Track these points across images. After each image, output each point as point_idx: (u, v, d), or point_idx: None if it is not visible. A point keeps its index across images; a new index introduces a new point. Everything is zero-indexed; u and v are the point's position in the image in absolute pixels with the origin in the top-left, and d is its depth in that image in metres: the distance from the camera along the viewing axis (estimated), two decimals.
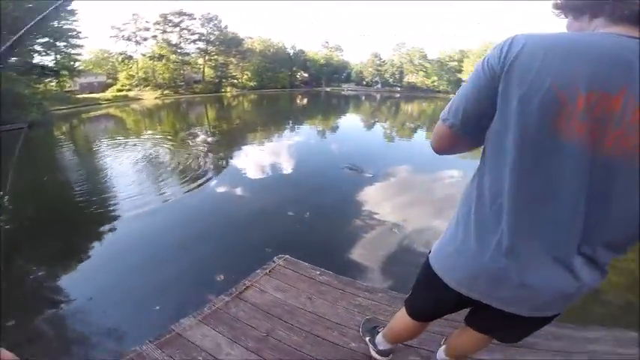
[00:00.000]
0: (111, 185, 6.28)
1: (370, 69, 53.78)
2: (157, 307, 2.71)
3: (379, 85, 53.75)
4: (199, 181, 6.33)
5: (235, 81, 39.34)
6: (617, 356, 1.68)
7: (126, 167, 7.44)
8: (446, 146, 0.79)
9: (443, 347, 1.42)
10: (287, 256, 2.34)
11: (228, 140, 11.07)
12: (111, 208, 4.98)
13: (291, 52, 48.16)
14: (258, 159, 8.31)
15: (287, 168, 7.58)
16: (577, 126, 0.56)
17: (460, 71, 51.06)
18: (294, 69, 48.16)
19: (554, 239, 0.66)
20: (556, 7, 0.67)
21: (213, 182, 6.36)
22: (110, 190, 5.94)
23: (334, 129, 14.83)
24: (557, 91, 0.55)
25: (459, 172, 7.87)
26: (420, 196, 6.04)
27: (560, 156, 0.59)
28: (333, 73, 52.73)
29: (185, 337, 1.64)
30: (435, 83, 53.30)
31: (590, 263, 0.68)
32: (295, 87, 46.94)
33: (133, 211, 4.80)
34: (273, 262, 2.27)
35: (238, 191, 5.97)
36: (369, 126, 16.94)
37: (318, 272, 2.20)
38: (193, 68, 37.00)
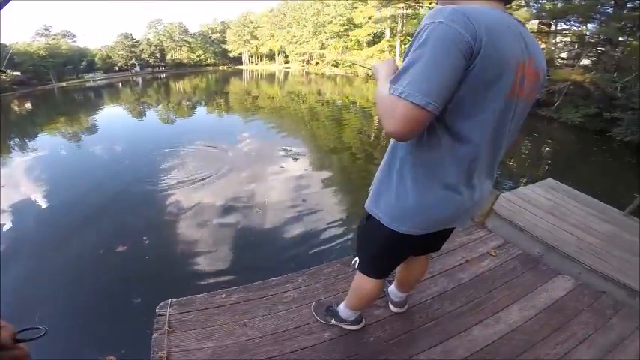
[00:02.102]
0: None
1: (121, 52, 45.02)
2: None
3: (138, 68, 46.52)
4: None
5: None
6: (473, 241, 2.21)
7: None
8: (418, 132, 0.71)
9: (392, 285, 1.57)
10: (171, 299, 1.68)
11: None
12: None
13: None
14: None
15: (52, 197, 5.01)
16: (521, 87, 0.74)
17: (224, 42, 52.10)
18: None
19: (494, 165, 0.91)
20: None
21: None
22: None
23: (92, 129, 11.38)
24: (514, 63, 0.69)
25: (249, 133, 8.22)
26: (227, 168, 5.78)
27: (513, 111, 0.78)
28: (64, 64, 40.25)
29: None
30: (202, 57, 52.16)
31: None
32: (4, 91, 32.27)
33: None
34: (161, 315, 1.59)
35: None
36: (139, 114, 14.51)
37: (223, 295, 1.72)
38: None
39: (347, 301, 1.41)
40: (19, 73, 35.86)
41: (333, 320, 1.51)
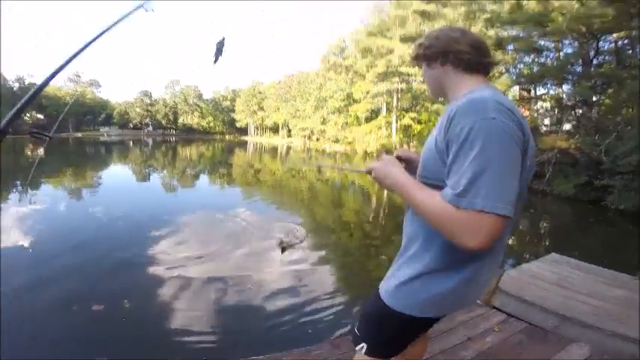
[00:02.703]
0: None
1: (138, 109, 46.88)
2: None
3: (150, 128, 48.69)
4: None
5: None
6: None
7: None
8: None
9: None
10: None
11: None
12: None
13: (16, 85, 34.05)
14: None
15: (37, 249, 4.78)
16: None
17: (233, 110, 54.29)
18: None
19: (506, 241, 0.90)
20: (415, 58, 0.89)
21: None
22: None
23: (95, 186, 11.50)
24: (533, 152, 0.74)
25: (244, 209, 8.11)
26: (222, 240, 5.57)
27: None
28: (85, 114, 41.74)
29: None
30: (211, 124, 53.69)
31: None
32: (21, 133, 32.99)
33: None
34: None
35: None
36: (143, 177, 14.76)
37: None
38: None
39: None
40: (42, 117, 36.88)
41: None
